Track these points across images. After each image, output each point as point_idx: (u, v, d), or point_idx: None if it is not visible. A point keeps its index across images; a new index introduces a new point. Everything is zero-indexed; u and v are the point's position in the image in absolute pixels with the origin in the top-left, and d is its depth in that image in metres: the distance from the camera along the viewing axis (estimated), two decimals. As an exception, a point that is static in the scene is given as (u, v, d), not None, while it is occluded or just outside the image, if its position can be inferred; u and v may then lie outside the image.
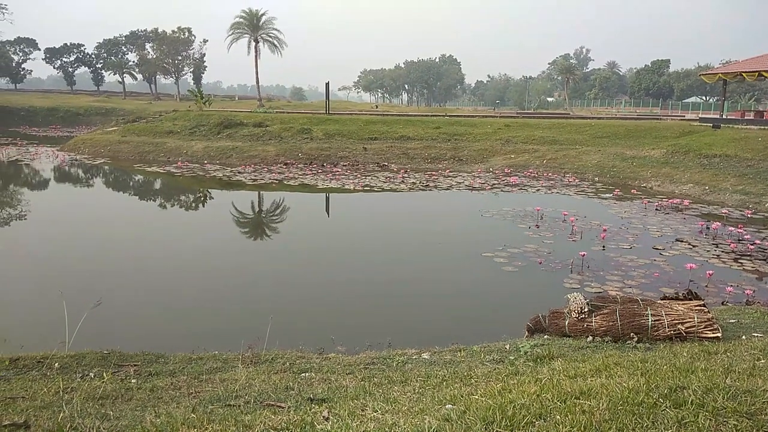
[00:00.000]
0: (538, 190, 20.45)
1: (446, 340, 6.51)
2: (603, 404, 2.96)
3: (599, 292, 8.94)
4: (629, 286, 9.49)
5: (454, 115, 40.79)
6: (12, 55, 76.27)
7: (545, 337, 6.23)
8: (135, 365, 5.35)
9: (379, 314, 8.80)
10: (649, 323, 5.68)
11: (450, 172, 24.66)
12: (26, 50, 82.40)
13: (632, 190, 20.13)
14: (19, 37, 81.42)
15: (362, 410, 3.12)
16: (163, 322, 8.33)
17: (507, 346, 5.77)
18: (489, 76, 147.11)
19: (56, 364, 5.36)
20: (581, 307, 6.06)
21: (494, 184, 21.68)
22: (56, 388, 4.10)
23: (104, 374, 4.88)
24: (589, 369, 4.12)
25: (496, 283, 10.18)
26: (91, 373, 5.04)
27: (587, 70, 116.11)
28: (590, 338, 5.87)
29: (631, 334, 5.71)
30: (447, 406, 3.16)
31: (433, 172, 24.38)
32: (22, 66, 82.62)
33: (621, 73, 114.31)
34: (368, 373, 4.71)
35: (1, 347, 5.75)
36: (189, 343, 6.46)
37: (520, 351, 5.46)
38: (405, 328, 8.10)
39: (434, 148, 28.21)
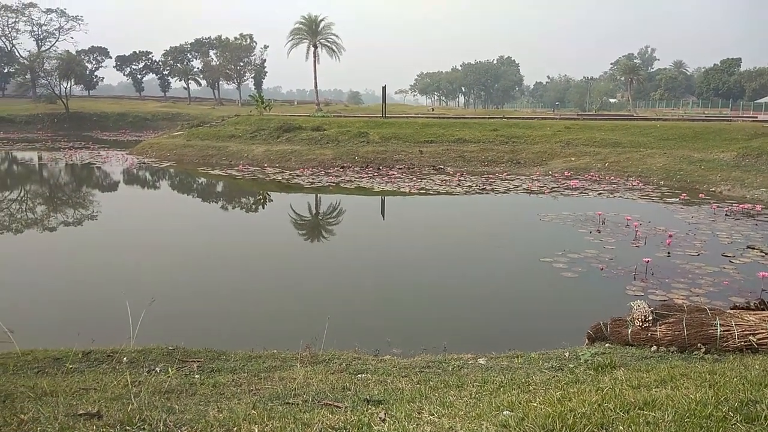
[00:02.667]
0: (599, 194, 19.90)
1: (503, 346, 6.42)
2: (668, 416, 2.86)
3: (664, 300, 8.60)
4: (696, 295, 9.09)
5: (512, 117, 40.21)
6: (86, 64, 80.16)
7: (606, 345, 6.05)
8: (198, 361, 5.53)
9: (434, 318, 8.77)
10: (718, 334, 5.44)
11: (507, 175, 24.32)
12: (99, 58, 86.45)
13: (700, 195, 19.28)
14: (92, 46, 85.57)
15: (419, 413, 3.12)
16: (223, 320, 8.58)
17: (566, 354, 5.64)
18: (548, 77, 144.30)
19: (124, 359, 5.61)
20: (645, 315, 5.85)
21: (553, 187, 21.23)
22: (125, 381, 4.28)
23: (169, 369, 5.07)
24: (653, 379, 3.98)
25: (555, 289, 9.95)
26: (157, 368, 5.25)
27: (652, 70, 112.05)
28: (654, 348, 5.67)
29: (698, 344, 5.48)
30: (505, 413, 3.12)
31: (490, 175, 24.11)
32: (95, 73, 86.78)
33: (688, 73, 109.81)
34: (424, 377, 4.70)
35: (74, 340, 6.06)
36: (248, 342, 6.61)
37: (579, 359, 5.33)
38: (460, 332, 8.04)
39: (491, 151, 27.89)
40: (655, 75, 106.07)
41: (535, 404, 3.30)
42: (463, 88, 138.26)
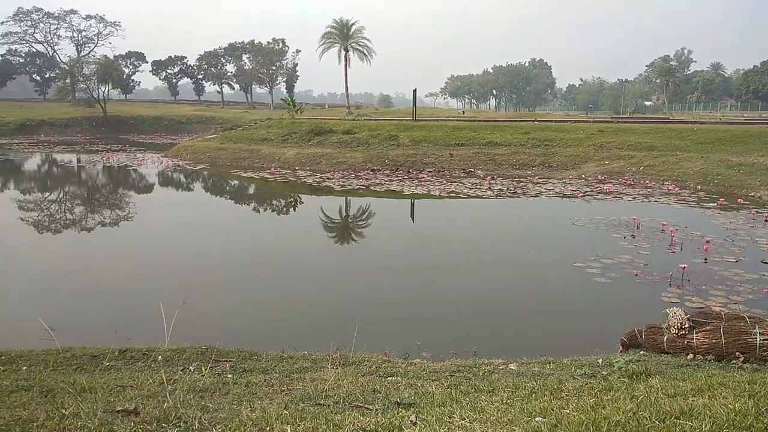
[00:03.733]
0: (634, 198, 19.54)
1: (534, 352, 6.36)
2: (706, 426, 2.79)
3: (701, 308, 8.40)
4: (734, 303, 8.84)
5: (544, 120, 39.77)
6: (123, 68, 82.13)
7: (641, 352, 5.94)
8: (230, 361, 5.61)
9: (464, 322, 8.73)
10: (758, 342, 5.29)
11: (539, 178, 24.06)
12: (135, 63, 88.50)
13: (738, 200, 18.76)
14: (129, 51, 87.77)
15: (449, 417, 3.12)
16: (254, 321, 8.68)
17: (599, 361, 5.55)
18: (581, 79, 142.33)
19: (159, 357, 5.73)
20: (681, 323, 5.73)
21: (586, 191, 20.92)
22: (160, 380, 4.37)
23: (203, 368, 5.16)
24: (690, 388, 3.89)
25: (588, 295, 9.81)
26: (190, 367, 5.34)
27: (689, 72, 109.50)
28: (691, 356, 5.54)
29: (737, 353, 5.34)
30: (537, 419, 3.10)
31: (522, 179, 23.88)
32: (132, 78, 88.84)
33: (726, 75, 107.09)
34: (454, 381, 4.68)
35: (111, 338, 6.21)
36: (279, 343, 6.69)
37: (613, 366, 5.24)
38: (491, 337, 7.99)
39: (523, 154, 27.62)
40: (692, 77, 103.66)
41: (568, 411, 3.26)
42: (494, 91, 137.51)
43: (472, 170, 26.07)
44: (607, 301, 9.58)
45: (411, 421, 2.97)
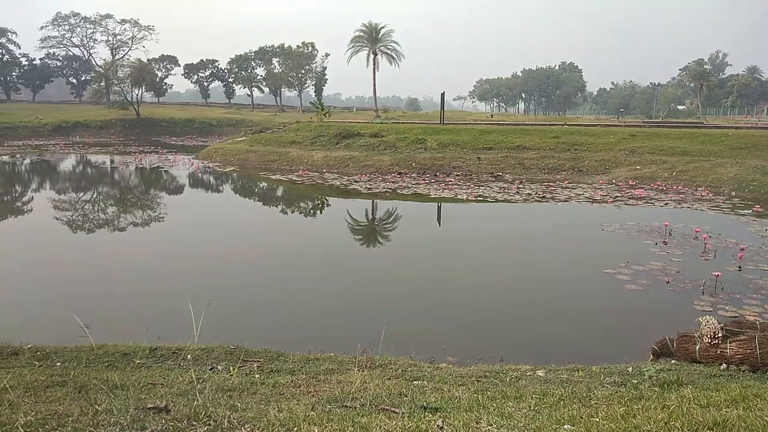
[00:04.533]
0: (666, 204, 19.16)
1: (562, 359, 6.28)
2: (741, 439, 2.72)
3: (735, 317, 8.20)
4: (771, 312, 8.62)
5: (574, 124, 39.29)
6: (156, 71, 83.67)
7: (672, 361, 5.83)
8: (258, 361, 5.67)
9: (491, 327, 8.67)
10: (796, 354, 5.14)
11: (569, 183, 23.77)
12: (168, 66, 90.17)
13: (776, 207, 18.28)
14: (162, 54, 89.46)
15: (476, 423, 3.10)
16: (281, 322, 8.75)
17: (629, 369, 5.46)
18: (613, 83, 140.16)
19: (189, 356, 5.82)
20: (714, 332, 5.60)
21: (617, 196, 20.60)
22: (190, 378, 4.44)
23: (231, 368, 5.22)
24: (723, 399, 3.80)
25: (618, 302, 9.65)
26: (219, 366, 5.42)
27: (723, 76, 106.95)
28: (724, 366, 5.41)
29: (774, 364, 5.19)
30: (565, 426, 3.06)
31: (551, 183, 23.62)
32: (165, 81, 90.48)
33: (763, 79, 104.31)
34: (481, 386, 4.65)
35: (143, 336, 6.34)
36: (305, 344, 6.73)
37: (644, 375, 5.15)
38: (518, 342, 7.91)
39: (552, 158, 27.32)
40: (727, 81, 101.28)
41: (597, 419, 3.21)
42: (523, 95, 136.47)
43: (500, 174, 25.89)
44: (637, 308, 9.42)
45: (438, 425, 2.96)
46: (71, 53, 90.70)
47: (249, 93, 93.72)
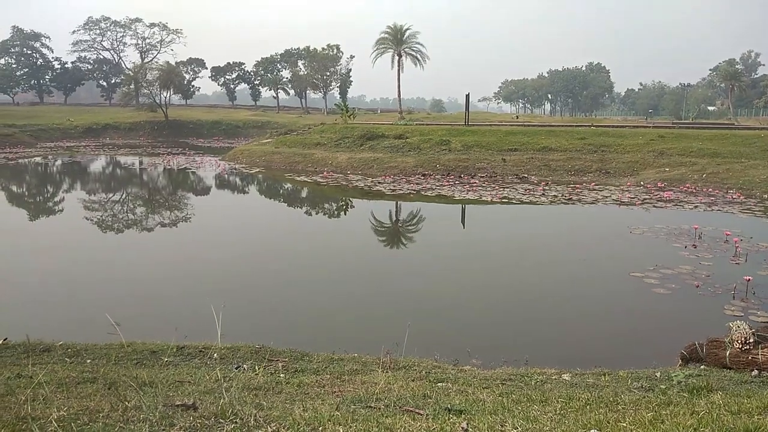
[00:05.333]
0: (695, 206, 18.80)
1: (588, 363, 6.21)
2: (774, 447, 2.66)
3: (767, 322, 8.01)
4: (806, 318, 8.39)
5: (601, 126, 38.80)
6: (184, 74, 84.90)
7: (701, 367, 5.72)
8: (283, 361, 5.72)
9: (516, 330, 8.61)
10: (832, 361, 5.00)
11: (595, 185, 23.47)
12: (196, 69, 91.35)
13: (811, 210, 17.80)
14: (190, 57, 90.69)
15: (501, 426, 3.08)
16: (305, 322, 8.81)
17: (657, 374, 5.37)
18: (641, 83, 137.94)
19: (215, 355, 5.90)
20: (745, 337, 5.49)
21: (645, 198, 20.27)
22: (216, 377, 4.50)
23: (256, 367, 5.28)
24: (755, 406, 3.72)
25: (646, 306, 9.49)
26: (245, 365, 5.48)
27: (756, 76, 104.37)
28: (755, 372, 5.29)
29: (808, 371, 5.06)
30: (592, 431, 3.03)
31: (577, 185, 23.35)
32: (192, 83, 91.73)
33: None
34: (505, 389, 4.63)
35: (171, 334, 6.43)
36: (329, 344, 6.77)
37: (672, 380, 5.07)
38: (543, 346, 7.84)
39: (578, 160, 27.01)
40: (760, 81, 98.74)
41: (625, 424, 3.17)
42: (549, 96, 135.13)
43: (526, 176, 25.69)
44: (665, 312, 9.26)
45: (462, 427, 2.95)
46: (102, 56, 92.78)
47: (274, 95, 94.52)
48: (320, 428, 2.81)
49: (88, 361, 5.60)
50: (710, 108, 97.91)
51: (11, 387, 3.79)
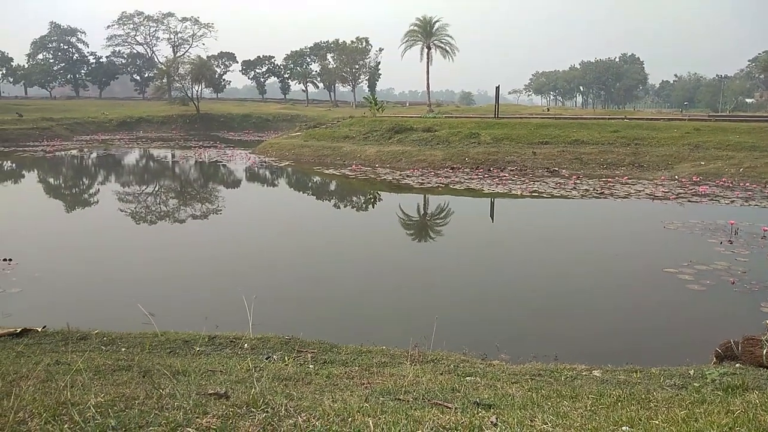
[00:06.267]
0: (732, 201, 18.33)
1: (619, 359, 6.12)
2: (813, 448, 2.59)
3: (807, 321, 7.78)
4: None
5: (635, 118, 38.01)
6: (215, 68, 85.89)
7: (737, 365, 5.58)
8: (312, 352, 5.78)
9: (545, 325, 8.53)
10: None
11: (628, 179, 23.05)
12: (227, 63, 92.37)
13: None
14: (221, 51, 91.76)
15: (531, 421, 3.07)
16: (333, 314, 8.88)
17: (691, 372, 5.27)
18: (676, 75, 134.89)
19: (246, 345, 5.99)
20: (784, 336, 5.34)
21: (680, 193, 19.84)
22: (247, 366, 4.57)
23: (286, 358, 5.35)
24: (794, 406, 3.62)
25: (679, 303, 9.31)
26: (274, 356, 5.55)
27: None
28: (795, 372, 5.15)
29: None
30: (624, 428, 2.99)
31: (609, 179, 22.96)
32: (223, 77, 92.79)
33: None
34: (535, 384, 4.60)
35: (202, 324, 6.56)
36: (357, 337, 6.81)
37: (706, 378, 4.97)
38: (573, 342, 7.76)
39: (611, 153, 26.53)
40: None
41: (657, 422, 3.12)
42: (581, 88, 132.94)
43: (557, 169, 25.35)
44: (699, 309, 9.07)
45: (491, 422, 2.95)
46: (135, 51, 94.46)
47: (304, 88, 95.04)
48: (350, 419, 2.84)
49: (123, 349, 5.74)
50: (748, 100, 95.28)
51: (51, 373, 3.91)
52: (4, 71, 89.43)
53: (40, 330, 6.33)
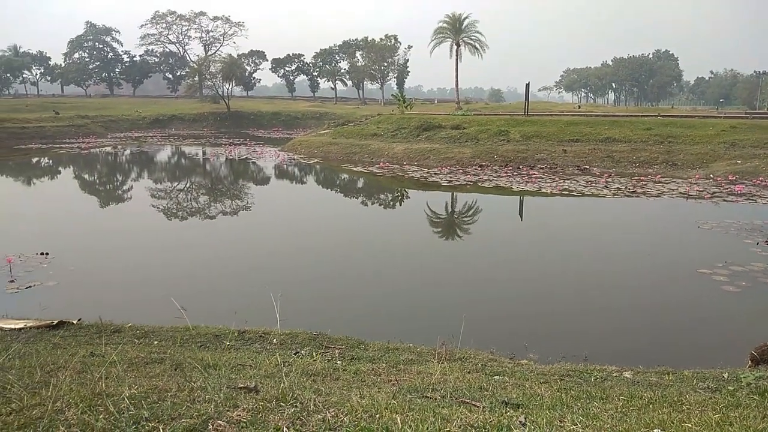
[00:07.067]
0: (769, 201, 17.84)
1: (650, 361, 6.01)
2: None
3: None
4: None
5: (668, 116, 37.26)
6: (245, 66, 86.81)
7: (774, 369, 5.44)
8: (339, 348, 5.81)
9: (575, 324, 8.43)
10: None
11: (661, 177, 22.59)
12: (257, 61, 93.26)
13: None
14: (252, 50, 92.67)
15: (560, 422, 3.04)
16: (361, 310, 8.91)
17: (725, 375, 5.15)
18: (711, 72, 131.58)
19: (274, 340, 6.06)
20: (824, 340, 5.18)
21: (714, 192, 19.37)
22: (276, 361, 4.62)
23: (314, 353, 5.39)
24: (834, 412, 3.51)
25: (713, 304, 9.11)
26: (302, 351, 5.60)
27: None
28: (835, 377, 4.99)
29: None
30: (655, 431, 2.94)
31: (642, 177, 22.54)
32: (253, 75, 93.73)
33: None
34: (564, 385, 4.54)
35: (232, 318, 6.66)
36: (384, 333, 6.81)
37: (741, 381, 4.85)
38: (603, 342, 7.66)
39: (644, 151, 26.03)
40: None
41: (690, 425, 3.06)
42: (613, 85, 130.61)
43: (587, 167, 24.99)
44: (734, 311, 8.86)
45: (520, 421, 2.92)
46: (168, 50, 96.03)
47: (332, 86, 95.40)
48: (377, 416, 2.85)
49: (155, 342, 5.85)
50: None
51: (87, 364, 4.01)
52: (42, 70, 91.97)
53: (75, 322, 6.50)
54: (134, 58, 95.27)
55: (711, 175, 22.63)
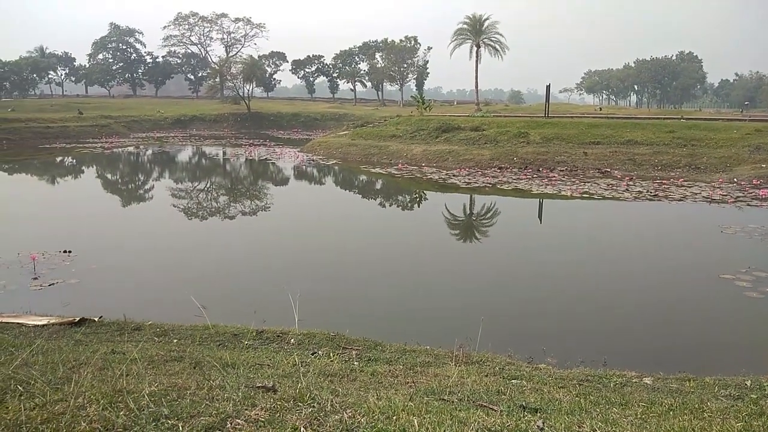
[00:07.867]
0: (796, 206, 17.48)
1: (671, 367, 5.94)
2: None
3: None
4: None
5: (692, 118, 36.68)
6: (266, 67, 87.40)
7: (799, 378, 5.33)
8: (357, 349, 5.83)
9: (594, 329, 8.35)
10: None
11: (684, 181, 22.26)
12: (277, 62, 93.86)
13: None
14: (272, 51, 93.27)
15: (579, 427, 3.01)
16: (378, 312, 8.91)
17: (747, 383, 5.07)
18: (737, 74, 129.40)
19: (292, 340, 6.09)
20: None
21: (738, 196, 19.04)
22: (293, 361, 4.65)
23: (331, 354, 5.41)
24: None
25: (736, 311, 8.95)
26: (320, 351, 5.62)
27: None
28: None
29: None
30: (675, 438, 2.91)
31: (664, 181, 22.23)
32: (273, 76, 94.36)
33: None
34: (583, 390, 4.51)
35: (251, 318, 6.71)
36: (401, 335, 6.82)
37: (764, 389, 4.77)
38: (623, 347, 7.57)
39: (666, 154, 25.67)
40: None
41: (712, 434, 3.02)
42: (635, 87, 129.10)
43: (608, 170, 24.72)
44: (758, 318, 8.69)
45: (538, 426, 2.91)
46: (189, 51, 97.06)
47: (352, 87, 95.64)
48: (394, 417, 2.85)
49: (175, 340, 5.92)
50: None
51: (108, 361, 4.08)
52: (67, 71, 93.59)
53: (96, 320, 6.60)
54: (157, 59, 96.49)
55: (735, 179, 22.24)
